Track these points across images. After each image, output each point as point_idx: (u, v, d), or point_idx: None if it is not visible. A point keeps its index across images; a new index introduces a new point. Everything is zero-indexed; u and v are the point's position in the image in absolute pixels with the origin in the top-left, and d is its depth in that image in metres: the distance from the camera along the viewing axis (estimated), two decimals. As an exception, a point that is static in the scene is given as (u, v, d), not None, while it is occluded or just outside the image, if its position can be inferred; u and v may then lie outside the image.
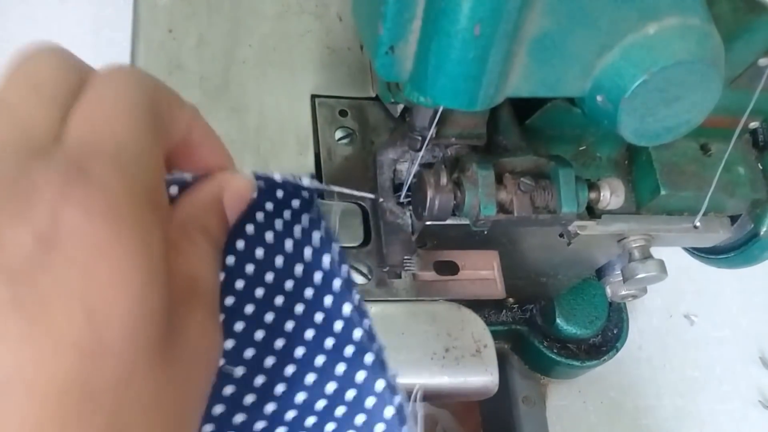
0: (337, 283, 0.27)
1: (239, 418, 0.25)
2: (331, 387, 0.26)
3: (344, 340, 0.26)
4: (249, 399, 0.26)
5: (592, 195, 0.44)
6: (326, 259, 0.27)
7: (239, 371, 0.26)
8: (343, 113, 0.50)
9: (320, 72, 0.51)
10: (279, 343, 0.27)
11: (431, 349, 0.43)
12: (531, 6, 0.32)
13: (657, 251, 0.51)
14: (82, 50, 0.65)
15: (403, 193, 0.46)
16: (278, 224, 0.28)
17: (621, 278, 0.52)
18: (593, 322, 0.64)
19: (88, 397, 0.18)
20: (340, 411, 0.26)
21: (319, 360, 0.26)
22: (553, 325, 0.64)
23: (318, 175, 0.47)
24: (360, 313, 0.26)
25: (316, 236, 0.27)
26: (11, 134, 0.20)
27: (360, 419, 0.25)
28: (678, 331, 0.77)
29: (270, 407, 0.26)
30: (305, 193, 0.28)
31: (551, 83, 0.36)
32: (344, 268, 0.27)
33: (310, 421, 0.26)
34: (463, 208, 0.42)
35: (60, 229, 0.18)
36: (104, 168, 0.20)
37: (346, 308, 0.27)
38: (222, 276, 0.26)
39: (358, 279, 0.44)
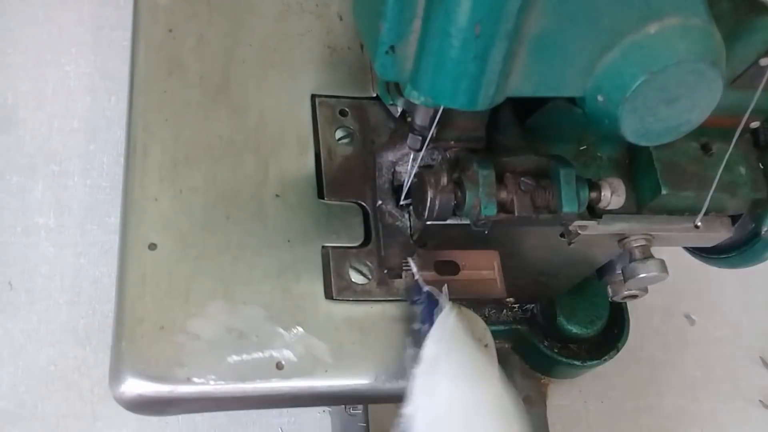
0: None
1: None
2: None
3: None
4: None
5: (593, 195, 0.44)
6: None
7: None
8: (343, 113, 0.50)
9: (320, 72, 0.51)
10: None
11: (432, 349, 0.43)
12: (531, 6, 0.32)
13: (658, 251, 0.51)
14: (82, 50, 0.65)
15: (403, 195, 0.46)
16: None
17: (622, 278, 0.52)
18: (594, 322, 0.64)
19: None
20: None
21: None
22: (553, 325, 0.64)
23: (318, 174, 0.47)
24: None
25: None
26: None
27: None
28: (678, 331, 0.77)
29: None
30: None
31: (552, 83, 0.36)
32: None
33: None
34: (463, 208, 0.42)
35: None
36: None
37: None
38: None
39: (359, 279, 0.44)
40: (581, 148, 0.48)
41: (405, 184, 0.45)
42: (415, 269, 0.44)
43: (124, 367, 0.39)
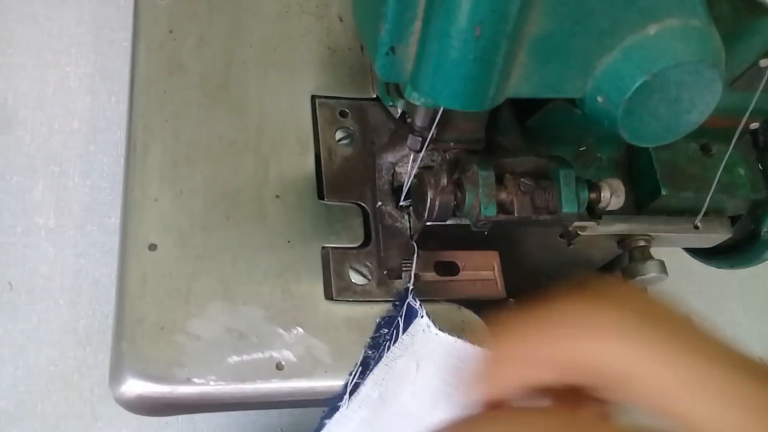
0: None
1: None
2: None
3: None
4: None
5: (593, 195, 0.44)
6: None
7: None
8: (343, 114, 0.50)
9: (321, 72, 0.51)
10: None
11: (431, 349, 0.43)
12: (531, 7, 0.32)
13: (657, 252, 0.51)
14: (82, 50, 0.65)
15: (403, 195, 0.46)
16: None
17: (622, 279, 0.52)
18: (593, 323, 0.64)
19: None
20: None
21: None
22: (553, 326, 0.63)
23: (318, 175, 0.47)
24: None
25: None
26: None
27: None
28: (678, 332, 0.77)
29: None
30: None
31: (552, 84, 0.36)
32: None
33: None
34: (463, 209, 0.42)
35: None
36: None
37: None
38: None
39: (358, 279, 0.44)
40: (581, 149, 0.48)
41: (405, 185, 0.46)
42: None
43: (124, 367, 0.39)
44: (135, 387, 0.39)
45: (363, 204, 0.47)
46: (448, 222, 0.44)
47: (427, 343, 0.41)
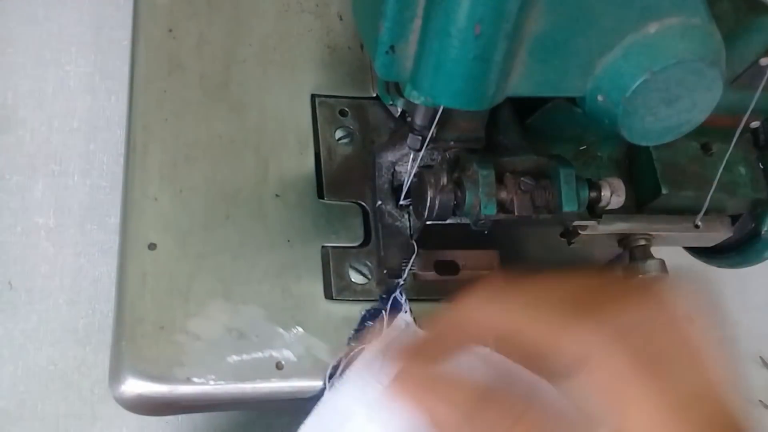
0: None
1: None
2: None
3: None
4: None
5: (593, 194, 0.44)
6: None
7: None
8: (343, 113, 0.50)
9: (320, 71, 0.51)
10: None
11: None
12: (532, 5, 0.32)
13: (658, 251, 0.51)
14: (82, 50, 0.65)
15: (403, 195, 0.46)
16: None
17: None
18: (594, 322, 0.64)
19: None
20: None
21: None
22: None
23: (318, 174, 0.47)
24: None
25: None
26: None
27: None
28: (678, 331, 0.77)
29: None
30: None
31: (552, 83, 0.36)
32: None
33: None
34: (463, 208, 0.41)
35: None
36: None
37: None
38: None
39: (358, 279, 0.44)
40: (581, 147, 0.48)
41: (405, 184, 0.45)
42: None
43: (124, 367, 0.39)
44: (135, 386, 0.39)
45: (363, 203, 0.47)
46: (448, 221, 0.44)
47: (407, 340, 0.41)
